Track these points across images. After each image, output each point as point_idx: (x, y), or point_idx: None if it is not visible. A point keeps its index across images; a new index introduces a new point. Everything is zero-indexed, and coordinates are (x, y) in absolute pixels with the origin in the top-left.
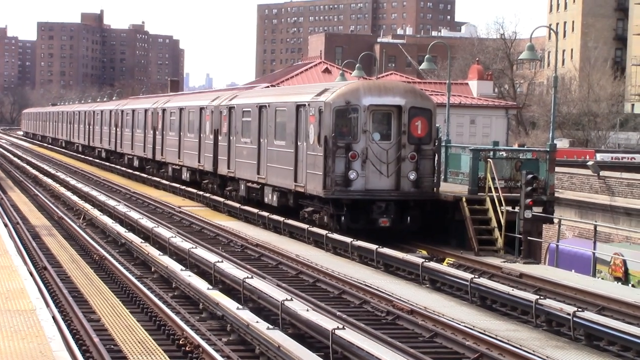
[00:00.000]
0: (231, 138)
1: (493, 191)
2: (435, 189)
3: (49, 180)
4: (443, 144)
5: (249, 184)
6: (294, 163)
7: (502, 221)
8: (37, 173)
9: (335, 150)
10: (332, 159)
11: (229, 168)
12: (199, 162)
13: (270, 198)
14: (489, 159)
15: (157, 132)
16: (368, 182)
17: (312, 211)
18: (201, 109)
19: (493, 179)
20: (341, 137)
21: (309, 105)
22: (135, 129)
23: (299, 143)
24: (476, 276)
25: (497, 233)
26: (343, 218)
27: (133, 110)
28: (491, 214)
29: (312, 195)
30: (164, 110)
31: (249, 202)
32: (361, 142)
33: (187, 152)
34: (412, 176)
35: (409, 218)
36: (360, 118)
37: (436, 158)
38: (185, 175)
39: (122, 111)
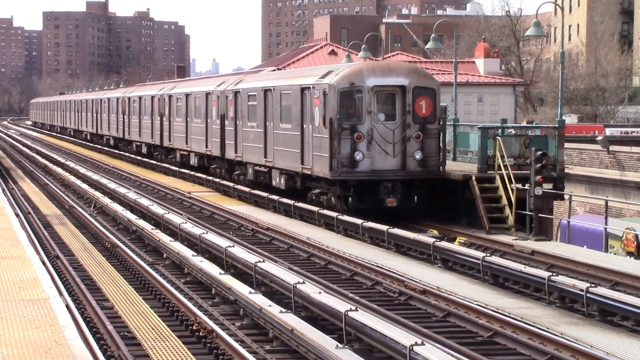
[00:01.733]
0: (238, 122)
1: (502, 169)
2: (441, 167)
3: (59, 169)
4: (451, 122)
5: (257, 168)
6: (300, 145)
7: (513, 199)
8: (46, 162)
9: (340, 132)
10: (338, 140)
11: (236, 152)
12: (206, 147)
13: (278, 181)
14: (497, 137)
15: (164, 119)
16: (374, 163)
17: (320, 193)
18: (207, 94)
19: (502, 156)
20: (346, 118)
21: (313, 87)
22: (142, 116)
23: (304, 125)
24: (488, 254)
25: (507, 211)
26: (350, 199)
27: (140, 97)
28: (501, 191)
29: (319, 177)
30: (170, 96)
31: (257, 186)
32: (366, 123)
33: (195, 138)
34: (418, 155)
35: (415, 197)
36: (365, 99)
37: (441, 137)
38: (193, 160)
39: (129, 98)
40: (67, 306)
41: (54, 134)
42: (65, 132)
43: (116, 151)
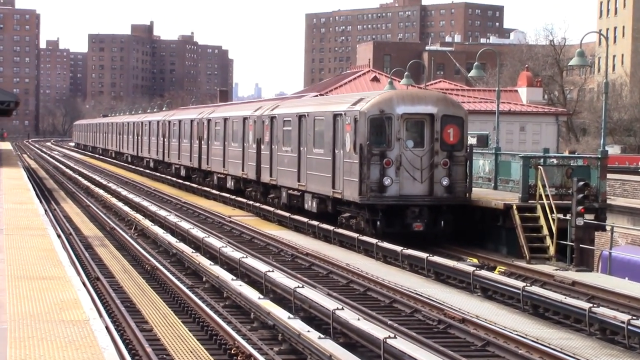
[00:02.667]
0: (273, 147)
1: (544, 198)
2: (467, 194)
3: (101, 191)
4: (493, 151)
5: (290, 191)
6: (331, 170)
7: (554, 229)
8: (89, 184)
9: (370, 158)
10: (367, 165)
11: (271, 176)
12: (242, 170)
13: (310, 204)
14: (539, 166)
15: (202, 142)
16: (402, 188)
17: (349, 216)
18: (244, 118)
19: (544, 186)
20: (376, 144)
21: (345, 114)
22: (181, 139)
23: (336, 151)
24: (528, 284)
25: (548, 241)
26: (378, 223)
27: (180, 121)
28: (542, 221)
29: (349, 201)
30: (209, 120)
31: (290, 209)
32: (395, 150)
33: (232, 161)
34: (445, 182)
35: (442, 222)
36: (394, 126)
37: (468, 164)
38: (230, 183)
39: (169, 122)
40: (107, 328)
41: (96, 155)
42: (106, 154)
43: (157, 174)
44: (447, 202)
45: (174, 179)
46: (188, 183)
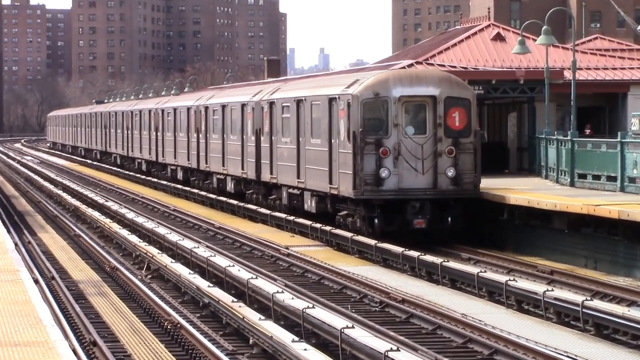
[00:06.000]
0: (273, 138)
1: None
2: (476, 186)
3: (95, 214)
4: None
5: (290, 190)
6: (328, 163)
7: None
8: (78, 203)
9: (363, 147)
10: (361, 156)
11: (271, 173)
12: (242, 169)
13: (310, 204)
14: None
15: (200, 135)
16: (401, 181)
17: (346, 215)
18: (243, 105)
19: None
20: (371, 132)
21: (339, 98)
22: (177, 132)
23: (332, 140)
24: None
25: None
26: (376, 220)
27: (175, 109)
28: None
29: (345, 197)
30: (206, 108)
31: (291, 211)
32: (392, 137)
33: (231, 158)
34: (451, 172)
35: (449, 219)
36: (391, 111)
37: (477, 152)
38: (230, 186)
39: (163, 110)
40: None
41: (78, 158)
42: (90, 155)
43: (181, 186)
44: (453, 196)
45: (209, 194)
46: (235, 202)
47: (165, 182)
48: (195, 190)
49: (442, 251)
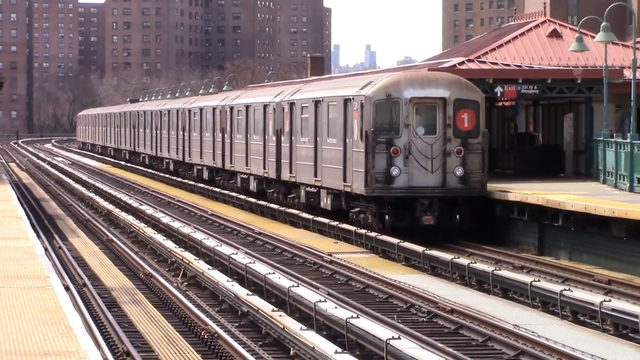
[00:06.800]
0: (292, 138)
1: None
2: (484, 185)
3: (129, 218)
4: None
5: (308, 189)
6: (342, 161)
7: None
8: (111, 207)
9: (375, 146)
10: (373, 154)
11: (290, 172)
12: (264, 168)
13: (325, 202)
14: None
15: (225, 135)
16: (412, 179)
17: (358, 211)
18: (265, 106)
19: None
20: (382, 132)
21: (353, 99)
22: (203, 132)
23: (347, 140)
24: None
25: None
26: (387, 217)
27: (201, 109)
28: None
29: (357, 195)
30: (231, 108)
31: (309, 209)
32: (403, 137)
33: (254, 158)
34: (459, 172)
35: (457, 216)
36: (402, 111)
37: (485, 152)
38: (253, 185)
39: (190, 110)
40: None
41: (109, 159)
42: (119, 155)
43: (213, 188)
44: (461, 194)
45: (244, 197)
46: (274, 206)
47: (202, 185)
48: (234, 194)
49: (469, 252)
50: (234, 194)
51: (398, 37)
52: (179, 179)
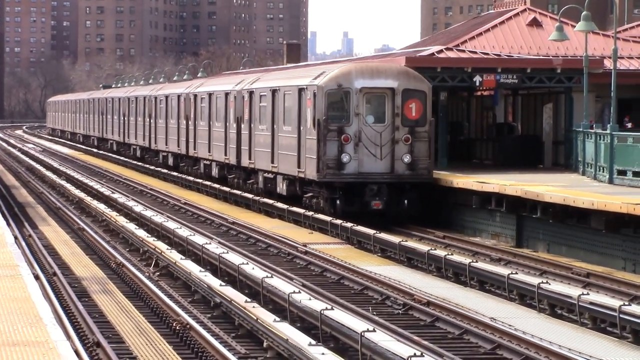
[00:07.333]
0: (251, 126)
1: None
2: (430, 171)
3: (101, 206)
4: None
5: (266, 175)
6: (297, 149)
7: None
8: (82, 195)
9: (326, 134)
10: (324, 142)
11: (249, 159)
12: (225, 154)
13: (281, 187)
14: None
15: (189, 122)
16: (361, 165)
17: (311, 196)
18: (226, 94)
19: None
20: (334, 120)
21: (307, 88)
22: (169, 119)
23: (301, 128)
24: None
25: None
26: (338, 202)
27: (167, 97)
28: None
29: (310, 180)
30: (195, 95)
31: (266, 195)
32: (354, 125)
33: (216, 145)
34: (407, 159)
35: (405, 201)
36: (353, 101)
37: (431, 141)
38: (215, 171)
39: (156, 97)
40: None
41: (80, 146)
42: (88, 141)
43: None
44: (408, 180)
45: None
46: (260, 198)
47: (193, 179)
48: (208, 183)
49: (418, 236)
50: (208, 183)
51: (376, 24)
52: (152, 167)
